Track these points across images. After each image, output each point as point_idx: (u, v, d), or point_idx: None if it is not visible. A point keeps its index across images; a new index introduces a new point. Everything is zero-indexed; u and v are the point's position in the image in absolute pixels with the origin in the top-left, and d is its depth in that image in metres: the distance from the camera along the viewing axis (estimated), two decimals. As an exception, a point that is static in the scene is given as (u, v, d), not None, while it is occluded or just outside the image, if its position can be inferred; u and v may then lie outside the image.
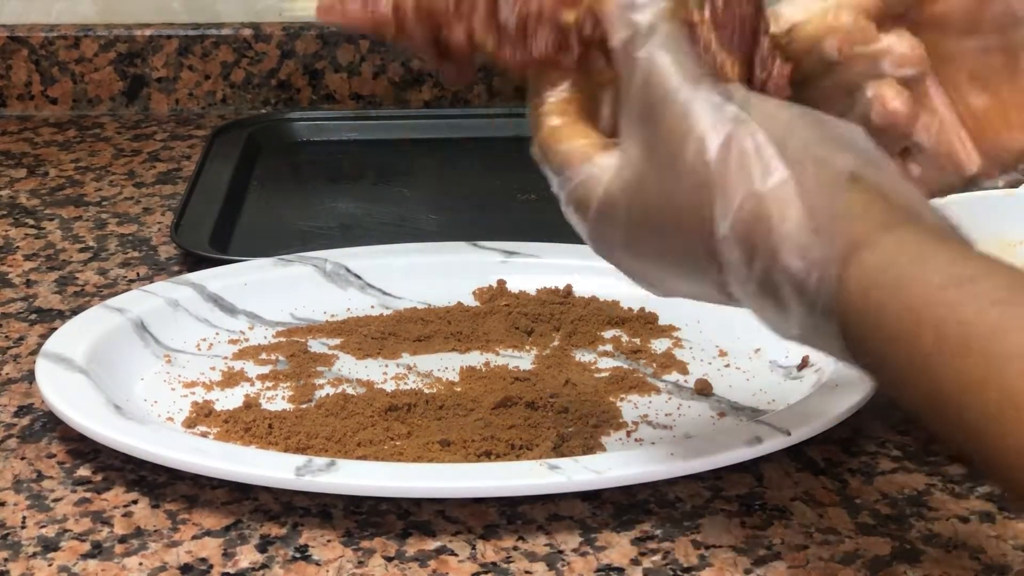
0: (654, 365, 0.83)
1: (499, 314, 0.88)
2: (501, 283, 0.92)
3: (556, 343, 0.86)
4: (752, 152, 0.54)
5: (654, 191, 0.56)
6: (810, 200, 0.53)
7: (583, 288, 0.91)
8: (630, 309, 0.89)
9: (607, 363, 0.83)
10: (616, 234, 0.58)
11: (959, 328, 0.48)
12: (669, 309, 0.88)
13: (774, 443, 0.71)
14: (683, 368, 0.83)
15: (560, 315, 0.89)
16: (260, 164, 1.22)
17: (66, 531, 0.69)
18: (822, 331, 0.54)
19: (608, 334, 0.87)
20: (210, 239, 1.01)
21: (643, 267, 0.59)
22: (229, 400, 0.79)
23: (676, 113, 0.55)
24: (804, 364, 0.81)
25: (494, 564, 0.66)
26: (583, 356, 0.84)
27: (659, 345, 0.86)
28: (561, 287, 0.91)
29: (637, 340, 0.86)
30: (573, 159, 0.59)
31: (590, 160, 0.58)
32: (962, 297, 0.49)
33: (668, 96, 0.56)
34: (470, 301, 0.91)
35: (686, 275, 0.58)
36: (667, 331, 0.87)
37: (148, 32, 1.34)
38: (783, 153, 0.54)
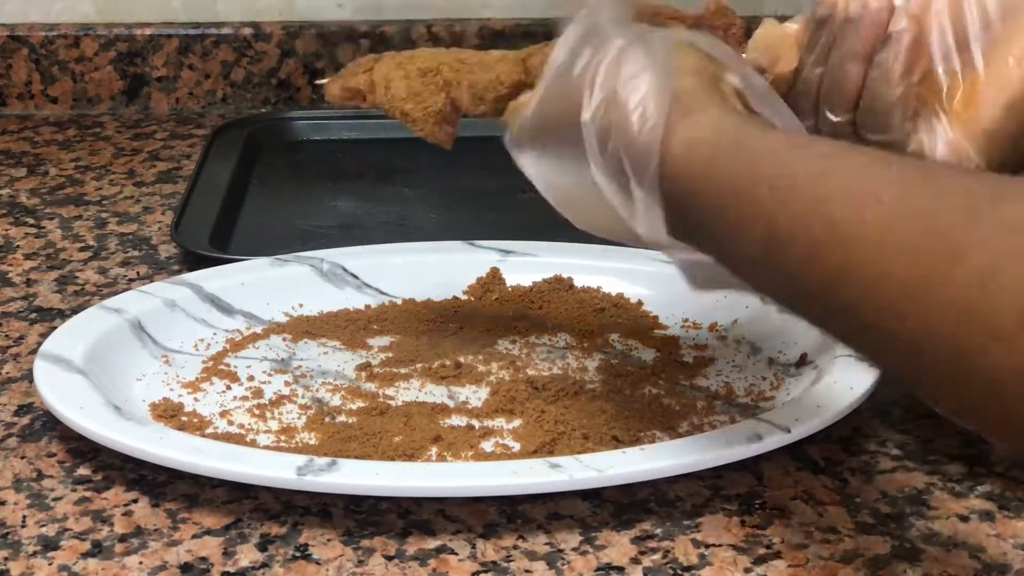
0: (649, 364, 0.83)
1: (491, 307, 0.89)
2: (495, 270, 0.92)
3: (544, 339, 0.86)
4: (626, 57, 0.63)
5: (553, 94, 0.67)
6: (661, 75, 0.62)
7: (580, 286, 0.91)
8: (626, 306, 0.89)
9: (600, 359, 0.83)
10: (535, 146, 0.69)
11: (791, 180, 0.56)
12: (666, 307, 0.88)
13: (774, 440, 0.71)
14: (681, 366, 0.83)
15: (555, 310, 0.89)
16: (260, 163, 1.21)
17: (66, 530, 0.69)
18: (652, 209, 0.62)
19: (603, 331, 0.87)
20: (210, 238, 1.01)
21: (556, 179, 0.69)
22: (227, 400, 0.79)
23: (592, 41, 0.66)
24: (803, 361, 0.81)
25: (494, 563, 0.66)
26: (576, 353, 0.84)
27: (654, 344, 0.86)
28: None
29: (632, 340, 0.86)
30: (517, 108, 0.72)
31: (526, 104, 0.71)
32: (793, 156, 0.57)
33: (593, 34, 0.66)
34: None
35: (575, 172, 0.66)
36: (664, 329, 0.87)
37: (148, 31, 1.34)
38: (652, 54, 0.63)
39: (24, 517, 0.70)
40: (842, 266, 0.53)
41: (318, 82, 0.82)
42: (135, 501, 0.71)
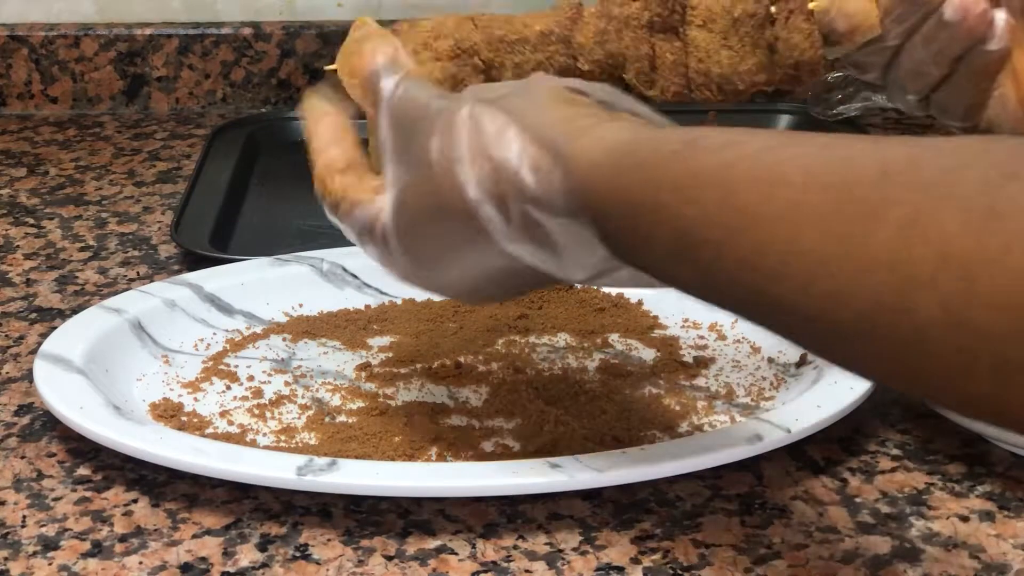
0: (649, 364, 0.83)
1: (491, 307, 0.89)
2: None
3: (544, 339, 0.86)
4: (482, 120, 0.61)
5: (416, 191, 0.64)
6: (528, 123, 0.60)
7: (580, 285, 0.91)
8: (626, 306, 0.89)
9: (600, 359, 0.83)
10: (400, 246, 0.66)
11: (693, 179, 0.54)
12: (666, 307, 0.88)
13: (774, 440, 0.71)
14: (681, 366, 0.83)
15: (555, 310, 0.89)
16: (260, 163, 1.21)
17: (66, 530, 0.69)
18: (585, 240, 0.59)
19: (603, 331, 0.87)
20: (210, 238, 1.01)
21: (435, 271, 0.66)
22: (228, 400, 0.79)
23: (424, 120, 0.64)
24: (802, 361, 0.81)
25: (494, 563, 0.66)
26: (576, 353, 0.84)
27: (654, 343, 0.86)
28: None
29: (632, 339, 0.86)
30: (357, 203, 0.68)
31: (372, 202, 0.67)
32: (691, 154, 0.55)
33: (418, 111, 0.65)
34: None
35: (468, 257, 0.64)
36: (664, 328, 0.87)
37: (148, 31, 1.34)
38: (506, 109, 0.61)
39: (24, 517, 0.70)
40: (753, 250, 0.51)
41: (328, 69, 0.76)
42: (135, 501, 0.71)
